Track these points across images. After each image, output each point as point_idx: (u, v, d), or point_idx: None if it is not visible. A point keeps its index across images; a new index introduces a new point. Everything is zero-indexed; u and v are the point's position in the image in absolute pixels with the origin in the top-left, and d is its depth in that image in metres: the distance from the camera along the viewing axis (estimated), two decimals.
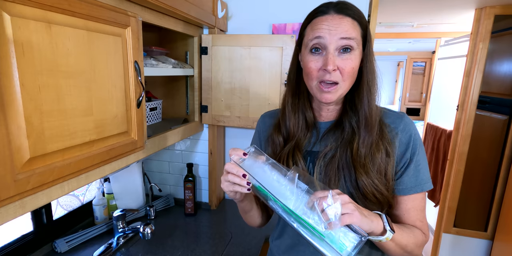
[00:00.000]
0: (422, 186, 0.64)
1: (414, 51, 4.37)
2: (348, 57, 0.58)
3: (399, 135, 0.63)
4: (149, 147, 0.93)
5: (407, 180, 0.64)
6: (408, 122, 0.65)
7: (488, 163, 1.80)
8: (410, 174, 0.63)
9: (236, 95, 1.22)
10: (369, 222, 0.53)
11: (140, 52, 0.81)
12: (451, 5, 1.68)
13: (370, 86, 0.63)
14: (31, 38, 0.50)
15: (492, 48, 1.70)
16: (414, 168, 0.63)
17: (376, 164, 0.61)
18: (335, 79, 0.59)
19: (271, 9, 1.29)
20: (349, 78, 0.60)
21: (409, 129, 0.64)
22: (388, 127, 0.64)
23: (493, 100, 1.76)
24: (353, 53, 0.58)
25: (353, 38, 0.57)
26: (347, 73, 0.59)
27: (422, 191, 0.64)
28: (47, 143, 0.55)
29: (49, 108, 0.55)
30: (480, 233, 1.84)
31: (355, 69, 0.60)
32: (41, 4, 0.51)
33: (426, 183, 0.64)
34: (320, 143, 0.67)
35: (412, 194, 0.64)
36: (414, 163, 0.63)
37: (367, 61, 0.62)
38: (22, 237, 1.01)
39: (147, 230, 1.03)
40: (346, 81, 0.60)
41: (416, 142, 0.64)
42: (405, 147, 0.63)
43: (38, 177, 0.54)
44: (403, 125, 0.64)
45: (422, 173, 0.64)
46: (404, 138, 0.63)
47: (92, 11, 0.63)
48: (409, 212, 0.65)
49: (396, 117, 0.66)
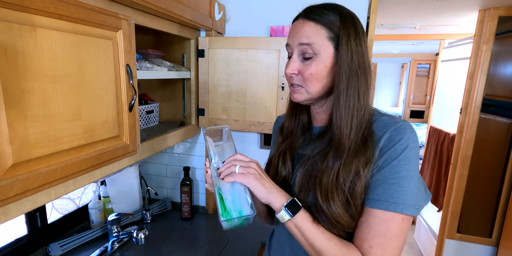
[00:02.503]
0: (387, 204, 0.52)
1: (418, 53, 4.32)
2: (308, 62, 0.58)
3: (381, 142, 0.55)
4: (143, 151, 0.92)
5: (372, 189, 0.55)
6: (401, 129, 0.55)
7: (492, 167, 1.76)
8: (377, 183, 0.54)
9: (233, 98, 1.21)
10: (265, 192, 0.56)
11: (133, 55, 0.80)
12: (454, 7, 1.65)
13: (340, 93, 0.57)
14: (14, 42, 0.50)
15: (496, 50, 1.67)
16: (383, 179, 0.54)
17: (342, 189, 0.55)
18: (297, 82, 0.61)
19: (269, 11, 1.28)
20: (311, 82, 0.59)
21: (396, 136, 0.55)
22: (375, 134, 0.57)
23: (497, 103, 1.72)
24: (314, 58, 0.58)
25: (311, 43, 0.57)
26: (307, 78, 0.59)
27: (385, 210, 0.52)
28: (31, 148, 0.54)
29: (34, 113, 0.54)
30: (484, 239, 1.80)
31: (315, 75, 0.58)
32: (26, 7, 0.51)
33: (395, 204, 0.52)
34: (307, 147, 0.65)
35: (370, 208, 0.54)
36: (385, 173, 0.54)
37: (338, 67, 0.57)
38: (16, 241, 1.00)
39: (141, 235, 1.02)
40: (310, 86, 0.60)
41: (399, 152, 0.53)
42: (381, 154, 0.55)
43: (22, 183, 0.53)
44: (392, 131, 0.55)
45: (394, 190, 0.53)
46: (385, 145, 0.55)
47: (81, 14, 0.62)
48: (360, 226, 0.55)
49: (390, 122, 0.57)
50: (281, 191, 0.58)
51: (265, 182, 0.57)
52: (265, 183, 0.57)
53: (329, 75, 0.58)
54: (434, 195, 2.19)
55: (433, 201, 2.20)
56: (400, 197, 0.53)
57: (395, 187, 0.53)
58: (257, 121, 1.20)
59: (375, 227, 0.53)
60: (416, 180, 0.54)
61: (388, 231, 0.52)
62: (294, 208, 0.56)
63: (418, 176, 0.56)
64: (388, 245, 0.53)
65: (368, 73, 0.59)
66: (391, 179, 0.54)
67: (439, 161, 2.19)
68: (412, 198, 0.53)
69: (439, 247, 1.94)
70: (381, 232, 0.53)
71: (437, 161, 2.21)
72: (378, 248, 0.53)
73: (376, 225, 0.53)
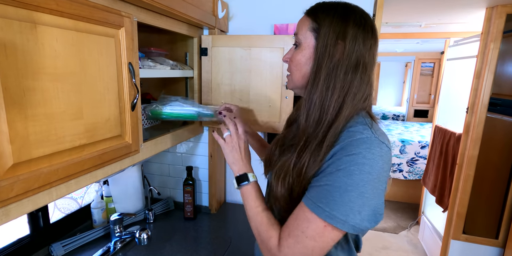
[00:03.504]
0: (314, 206, 0.53)
1: (422, 52, 4.28)
2: (296, 51, 0.64)
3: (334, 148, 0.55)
4: (145, 151, 0.90)
5: (310, 187, 0.56)
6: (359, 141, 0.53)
7: (499, 167, 1.73)
8: (315, 184, 0.55)
9: (236, 97, 1.19)
10: (230, 161, 0.74)
11: (135, 53, 0.79)
12: (460, 4, 1.63)
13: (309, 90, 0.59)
14: (14, 40, 0.48)
15: (503, 48, 1.64)
16: (320, 182, 0.54)
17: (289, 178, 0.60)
18: (287, 69, 0.68)
19: (273, 9, 1.26)
20: (294, 71, 0.64)
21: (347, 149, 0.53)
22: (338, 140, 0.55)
23: (504, 102, 1.69)
24: (299, 47, 0.62)
25: (297, 33, 0.63)
26: (291, 66, 0.65)
27: (311, 210, 0.53)
28: (32, 148, 0.53)
29: (34, 112, 0.53)
30: (490, 241, 1.77)
31: (296, 63, 0.63)
32: (26, 4, 0.49)
33: (320, 208, 0.52)
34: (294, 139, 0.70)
35: (303, 203, 0.55)
36: (324, 177, 0.54)
37: (317, 58, 0.58)
38: (18, 241, 1.00)
39: (143, 235, 1.01)
40: (293, 74, 0.65)
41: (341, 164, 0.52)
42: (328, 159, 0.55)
43: (23, 184, 0.52)
44: (348, 141, 0.54)
45: (325, 196, 0.52)
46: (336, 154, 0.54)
47: (83, 11, 0.61)
48: (291, 216, 0.57)
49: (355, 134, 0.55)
50: (244, 165, 0.72)
51: (235, 154, 0.73)
52: (235, 155, 0.73)
53: (308, 65, 0.61)
54: (439, 196, 2.17)
55: (438, 202, 2.17)
56: (328, 205, 0.52)
57: (325, 193, 0.53)
58: (260, 120, 1.18)
59: (299, 221, 0.55)
60: (354, 196, 0.51)
61: (307, 230, 0.54)
62: (241, 180, 0.70)
63: (364, 195, 0.51)
64: (303, 241, 0.54)
65: (356, 72, 0.57)
66: (325, 184, 0.53)
67: (445, 161, 2.16)
68: (342, 211, 0.51)
69: (444, 248, 1.92)
70: (301, 227, 0.55)
71: (442, 161, 2.18)
72: (293, 239, 0.55)
73: (300, 220, 0.55)
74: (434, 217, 2.34)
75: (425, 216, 2.53)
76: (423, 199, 2.67)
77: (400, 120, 4.78)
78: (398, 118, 4.81)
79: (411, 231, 2.77)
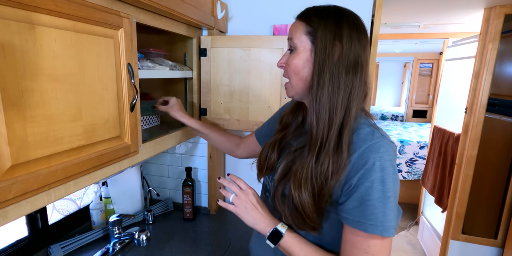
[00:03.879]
0: (366, 225, 0.54)
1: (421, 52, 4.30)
2: (291, 56, 0.63)
3: (354, 157, 0.56)
4: (144, 152, 0.90)
5: (349, 209, 0.56)
6: (374, 148, 0.55)
7: (498, 167, 1.74)
8: (353, 204, 0.56)
9: (236, 98, 1.19)
10: (251, 222, 0.66)
11: (134, 54, 0.79)
12: (459, 5, 1.63)
13: (315, 92, 0.58)
14: (13, 40, 0.48)
15: (502, 48, 1.64)
16: (359, 200, 0.55)
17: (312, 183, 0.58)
18: (285, 75, 0.66)
19: (272, 9, 1.27)
20: (292, 76, 0.63)
21: (369, 156, 0.54)
22: (352, 144, 0.57)
23: (503, 102, 1.70)
24: (295, 51, 0.62)
25: (291, 38, 0.63)
26: (288, 71, 0.63)
27: (364, 231, 0.55)
28: (31, 149, 0.53)
29: (33, 113, 0.52)
30: (489, 241, 1.78)
31: (293, 67, 0.62)
32: (24, 5, 0.49)
33: (373, 226, 0.54)
34: (297, 140, 0.69)
35: (351, 227, 0.57)
36: (361, 194, 0.55)
37: (318, 60, 0.58)
38: (17, 243, 0.99)
39: (143, 236, 1.00)
40: (292, 79, 0.64)
41: (372, 173, 0.54)
42: (354, 172, 0.55)
43: (21, 185, 0.52)
44: (365, 148, 0.56)
45: (371, 212, 0.54)
46: (357, 162, 0.55)
47: (81, 12, 0.60)
48: (345, 243, 0.59)
49: (367, 138, 0.57)
50: (267, 219, 0.66)
51: (252, 213, 0.66)
52: (252, 214, 0.66)
53: (306, 68, 0.61)
54: (438, 196, 2.17)
55: (437, 202, 2.18)
56: (378, 220, 0.54)
57: (371, 209, 0.54)
58: (260, 121, 1.18)
59: (357, 244, 0.56)
60: (392, 200, 0.55)
61: (369, 249, 0.55)
62: (275, 238, 0.63)
63: (396, 194, 0.56)
64: None
65: (356, 71, 0.58)
66: (367, 200, 0.54)
67: (443, 161, 2.17)
68: (389, 219, 0.54)
69: (443, 248, 1.92)
70: (363, 249, 0.56)
71: (441, 161, 2.19)
72: None
73: (358, 243, 0.56)
74: (433, 217, 2.35)
75: (424, 216, 2.54)
76: (422, 199, 2.67)
77: (399, 120, 4.78)
78: (397, 118, 4.82)
79: (410, 231, 2.77)
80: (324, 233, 0.63)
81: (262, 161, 0.73)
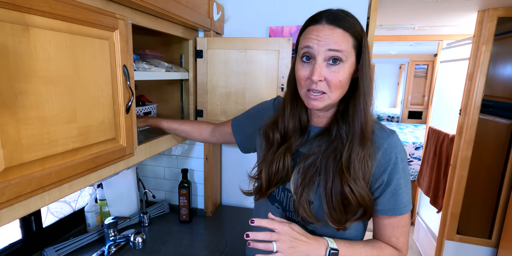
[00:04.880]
0: (401, 209, 0.64)
1: (416, 54, 4.33)
2: (336, 69, 0.59)
3: (379, 155, 0.63)
4: (140, 154, 0.90)
5: (385, 202, 0.65)
6: (393, 143, 0.63)
7: (492, 168, 1.75)
8: (388, 196, 0.64)
9: (232, 99, 1.19)
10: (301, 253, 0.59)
11: (130, 56, 0.78)
12: (453, 7, 1.65)
13: (367, 97, 0.63)
14: (6, 42, 0.48)
15: (495, 51, 1.67)
16: (392, 191, 0.64)
17: (362, 175, 0.62)
18: (322, 89, 0.60)
19: (268, 11, 1.27)
20: (336, 89, 0.61)
21: (391, 151, 0.63)
22: (374, 143, 0.63)
23: (496, 104, 1.72)
24: (342, 65, 0.59)
25: (341, 50, 0.58)
26: (334, 85, 0.60)
27: (400, 215, 0.65)
28: (24, 152, 0.52)
29: (27, 116, 0.52)
30: (484, 241, 1.79)
31: (343, 82, 0.60)
32: (18, 6, 0.49)
33: (405, 207, 0.65)
34: (306, 146, 0.70)
35: (388, 214, 0.65)
36: (393, 186, 0.63)
37: (363, 73, 0.61)
38: (10, 246, 0.98)
39: (138, 239, 1.00)
40: (334, 92, 0.61)
41: (397, 166, 0.63)
42: (383, 168, 0.63)
43: (15, 188, 0.51)
44: (386, 145, 0.63)
45: (402, 197, 0.64)
46: (383, 159, 0.63)
47: (76, 14, 0.60)
48: (385, 228, 0.67)
49: (384, 135, 0.64)
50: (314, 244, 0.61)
51: (302, 248, 0.60)
52: (302, 248, 0.60)
53: (349, 81, 0.62)
54: (434, 196, 2.19)
55: (432, 202, 2.19)
56: (406, 200, 0.65)
57: (402, 195, 0.64)
58: None
59: (395, 224, 0.66)
60: (410, 180, 0.66)
61: (404, 222, 0.67)
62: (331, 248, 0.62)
63: (410, 175, 0.69)
64: (407, 230, 0.68)
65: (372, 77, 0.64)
66: (398, 189, 0.63)
67: (438, 162, 2.19)
68: (410, 195, 0.66)
69: (438, 249, 1.93)
70: (400, 225, 0.67)
71: (436, 162, 2.21)
72: (402, 236, 0.67)
73: (396, 223, 0.66)
74: (429, 218, 2.36)
75: (420, 217, 2.55)
76: (418, 200, 2.69)
77: (394, 121, 4.82)
78: (392, 119, 4.86)
79: None
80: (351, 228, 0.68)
81: (272, 174, 0.69)
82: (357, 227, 0.70)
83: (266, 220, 0.62)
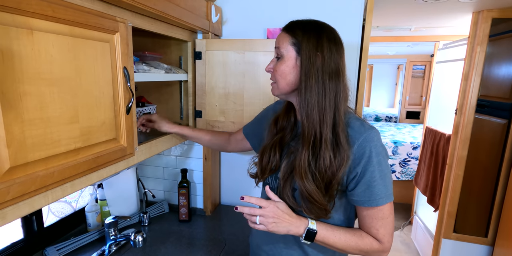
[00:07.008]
0: (377, 201, 0.68)
1: (413, 54, 4.36)
2: (279, 62, 0.72)
3: (354, 148, 0.67)
4: (140, 154, 0.91)
5: (360, 193, 0.68)
6: (369, 138, 0.67)
7: (487, 167, 1.78)
8: (363, 188, 0.68)
9: (231, 100, 1.21)
10: (284, 231, 0.69)
11: (130, 58, 0.80)
12: (448, 9, 1.68)
13: (303, 95, 0.67)
14: (11, 46, 0.49)
15: (490, 51, 1.69)
16: (367, 183, 0.67)
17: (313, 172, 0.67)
18: (272, 78, 0.75)
19: (266, 13, 1.29)
20: (280, 79, 0.72)
21: (366, 146, 0.66)
22: (350, 138, 0.68)
23: (492, 103, 1.74)
24: (282, 59, 0.71)
25: (278, 47, 0.72)
26: (278, 76, 0.72)
27: (376, 206, 0.68)
28: (29, 152, 0.54)
29: (31, 117, 0.54)
30: (480, 239, 1.81)
31: (283, 73, 0.71)
32: (23, 11, 0.50)
33: (381, 199, 0.68)
34: (294, 140, 0.76)
35: (367, 206, 0.69)
36: (367, 178, 0.67)
37: (303, 68, 0.67)
38: (12, 245, 0.99)
39: (138, 238, 1.01)
40: (278, 82, 0.73)
41: (371, 159, 0.66)
42: (358, 161, 0.67)
43: (19, 187, 0.53)
44: (362, 139, 0.67)
45: (377, 189, 0.67)
46: (358, 152, 0.67)
47: (78, 17, 0.62)
48: (364, 219, 0.72)
49: (361, 130, 0.68)
50: (297, 222, 0.69)
51: (283, 224, 0.68)
52: (283, 224, 0.68)
53: (292, 74, 0.70)
54: (430, 196, 2.21)
55: (429, 201, 2.21)
56: (382, 193, 0.68)
57: (377, 187, 0.68)
58: None
59: (373, 215, 0.70)
60: (387, 173, 0.69)
61: (383, 214, 0.69)
62: (310, 237, 0.69)
63: (388, 167, 0.69)
64: (388, 223, 0.70)
65: (338, 77, 0.68)
66: (372, 182, 0.67)
67: (435, 162, 2.21)
68: (389, 188, 0.69)
69: (435, 247, 1.95)
70: (379, 217, 0.70)
71: (433, 162, 2.23)
72: (382, 228, 0.70)
73: (374, 215, 0.70)
74: (426, 217, 2.38)
75: (418, 216, 2.57)
76: (415, 199, 2.71)
77: (392, 121, 4.84)
78: (390, 119, 4.88)
79: (404, 231, 2.81)
80: (333, 217, 0.74)
81: (264, 164, 0.79)
82: (337, 216, 0.75)
83: (255, 198, 0.70)
